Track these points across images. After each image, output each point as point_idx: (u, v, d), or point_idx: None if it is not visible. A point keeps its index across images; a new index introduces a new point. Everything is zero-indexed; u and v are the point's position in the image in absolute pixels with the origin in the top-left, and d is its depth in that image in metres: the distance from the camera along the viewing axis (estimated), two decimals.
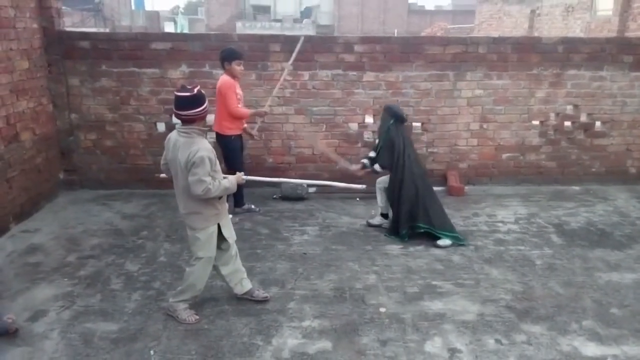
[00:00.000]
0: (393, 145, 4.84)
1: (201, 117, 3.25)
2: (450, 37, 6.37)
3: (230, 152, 5.25)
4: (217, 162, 3.29)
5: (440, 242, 4.77)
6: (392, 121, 4.87)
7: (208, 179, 3.16)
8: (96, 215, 5.42)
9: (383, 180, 5.17)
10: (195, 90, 3.22)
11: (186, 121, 3.21)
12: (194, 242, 3.38)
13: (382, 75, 6.24)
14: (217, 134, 5.28)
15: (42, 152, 5.65)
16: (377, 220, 5.26)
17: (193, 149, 3.13)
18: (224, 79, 5.09)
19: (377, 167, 5.09)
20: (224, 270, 3.61)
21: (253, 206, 5.63)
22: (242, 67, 5.19)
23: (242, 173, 3.66)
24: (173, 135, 3.31)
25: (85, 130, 6.16)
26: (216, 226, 3.39)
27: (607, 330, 3.44)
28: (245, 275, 3.73)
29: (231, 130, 5.21)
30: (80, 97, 6.06)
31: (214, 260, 3.50)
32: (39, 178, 5.57)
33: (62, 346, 3.21)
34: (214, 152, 3.26)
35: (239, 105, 5.14)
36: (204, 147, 3.17)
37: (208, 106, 3.29)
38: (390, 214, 5.09)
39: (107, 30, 15.37)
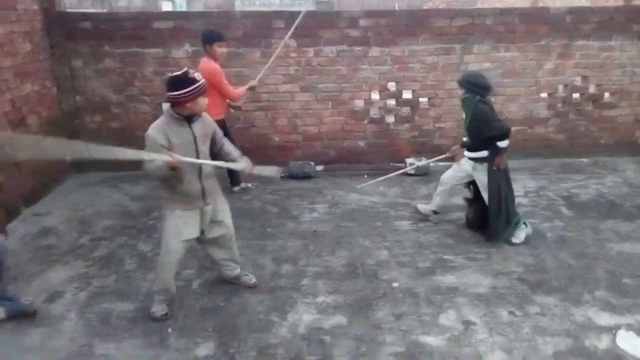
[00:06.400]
0: (494, 115, 4.12)
1: (183, 101, 2.99)
2: (457, 9, 6.26)
3: None
4: (172, 144, 3.00)
5: (515, 240, 4.27)
6: (478, 98, 4.10)
7: (147, 156, 2.96)
8: (106, 198, 5.43)
9: (454, 178, 4.51)
10: (180, 72, 3.03)
11: (171, 104, 3.05)
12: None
13: (388, 50, 6.16)
14: None
15: (48, 136, 5.61)
16: (426, 210, 4.74)
17: None
18: (208, 65, 4.77)
19: (502, 143, 4.05)
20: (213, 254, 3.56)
21: (250, 185, 5.62)
22: (224, 49, 4.98)
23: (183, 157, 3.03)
24: None
25: (91, 113, 6.14)
26: (174, 215, 3.18)
27: (621, 300, 3.45)
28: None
29: (217, 115, 4.92)
30: (84, 79, 6.02)
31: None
32: (47, 161, 5.56)
33: (80, 326, 3.25)
34: (166, 133, 3.00)
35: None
36: (153, 125, 3.05)
37: (193, 91, 2.97)
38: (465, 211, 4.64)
39: (105, 10, 15.16)
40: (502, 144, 4.05)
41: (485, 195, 4.27)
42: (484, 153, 4.17)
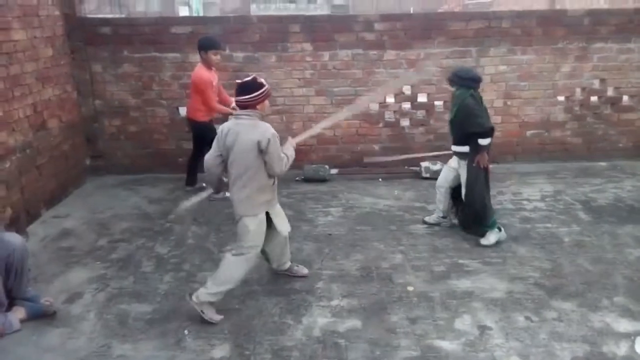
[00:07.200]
0: (479, 111, 4.15)
1: (253, 104, 3.26)
2: (473, 12, 6.25)
3: (200, 135, 5.29)
4: None
5: (484, 241, 4.30)
6: (470, 92, 4.16)
7: (284, 155, 3.32)
8: (124, 200, 5.51)
9: (446, 179, 4.56)
10: (249, 78, 3.31)
11: (241, 107, 3.31)
12: (242, 230, 3.34)
13: (403, 53, 6.17)
14: (190, 120, 5.44)
15: (68, 139, 5.74)
16: (434, 218, 4.75)
17: (260, 129, 3.23)
18: (200, 72, 5.16)
19: (483, 141, 4.11)
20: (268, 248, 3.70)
21: (204, 184, 5.49)
22: (218, 57, 5.27)
23: (290, 138, 3.62)
24: (227, 124, 3.36)
25: (110, 117, 6.24)
26: (259, 219, 3.35)
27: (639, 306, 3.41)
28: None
29: (205, 117, 5.32)
30: (104, 84, 6.13)
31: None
32: (67, 164, 5.67)
33: (99, 327, 3.30)
34: None
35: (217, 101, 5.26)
36: (270, 127, 3.29)
37: (263, 94, 3.27)
38: (442, 207, 4.64)
39: (124, 15, 15.39)
40: (483, 141, 4.10)
41: (463, 191, 4.34)
42: (465, 148, 4.24)
